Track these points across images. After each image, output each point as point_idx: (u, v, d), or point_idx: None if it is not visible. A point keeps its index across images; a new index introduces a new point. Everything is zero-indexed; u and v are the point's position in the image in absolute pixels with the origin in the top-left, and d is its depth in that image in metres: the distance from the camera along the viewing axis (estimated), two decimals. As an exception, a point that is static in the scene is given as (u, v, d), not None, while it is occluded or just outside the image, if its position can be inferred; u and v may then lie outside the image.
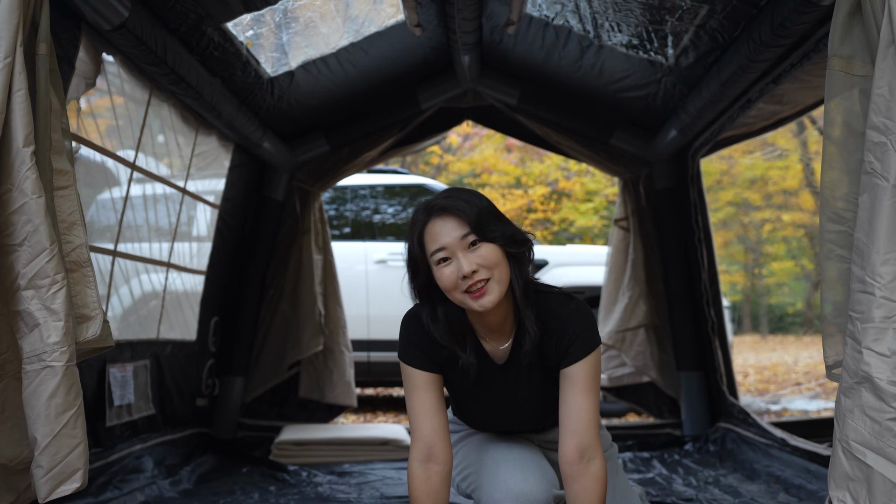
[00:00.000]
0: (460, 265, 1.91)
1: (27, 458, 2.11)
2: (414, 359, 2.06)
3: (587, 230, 13.61)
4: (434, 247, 1.95)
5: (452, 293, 1.94)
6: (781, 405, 6.76)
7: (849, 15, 2.06)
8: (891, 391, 1.79)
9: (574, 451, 1.96)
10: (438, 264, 1.94)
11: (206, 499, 3.26)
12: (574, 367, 1.99)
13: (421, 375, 2.06)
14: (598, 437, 1.98)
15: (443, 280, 1.94)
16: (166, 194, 3.89)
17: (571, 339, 2.00)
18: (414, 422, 2.05)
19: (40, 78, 2.14)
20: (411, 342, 2.07)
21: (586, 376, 1.99)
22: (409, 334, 2.08)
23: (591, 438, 1.96)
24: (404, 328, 2.10)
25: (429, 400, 2.04)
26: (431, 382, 2.06)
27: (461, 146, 14.80)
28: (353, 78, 4.27)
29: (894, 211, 1.84)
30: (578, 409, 1.97)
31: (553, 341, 2.03)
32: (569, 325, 2.01)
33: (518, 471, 2.05)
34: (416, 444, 2.03)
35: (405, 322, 2.11)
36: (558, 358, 2.02)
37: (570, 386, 1.99)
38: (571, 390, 1.99)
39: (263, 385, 4.87)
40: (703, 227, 4.69)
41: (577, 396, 1.98)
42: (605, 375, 5.08)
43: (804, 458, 3.45)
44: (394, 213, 6.62)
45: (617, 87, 4.30)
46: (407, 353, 2.07)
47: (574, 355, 2.00)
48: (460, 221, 1.94)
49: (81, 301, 2.19)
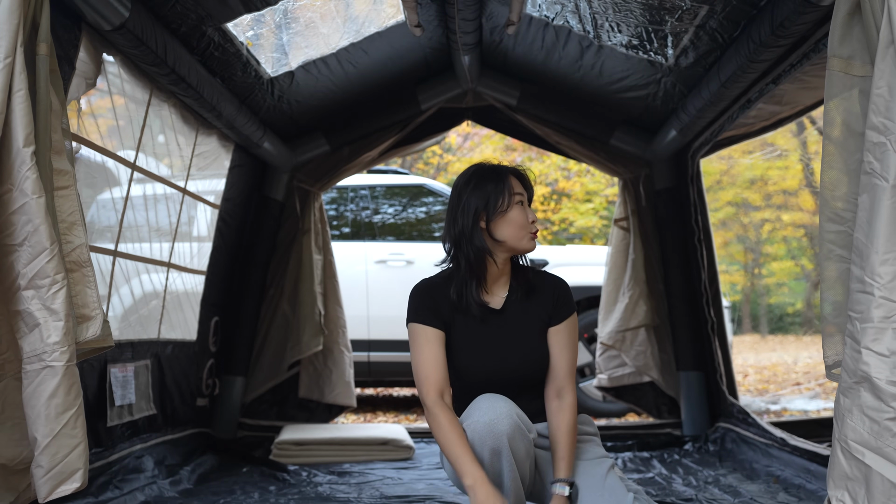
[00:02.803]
0: (531, 213, 2.48)
1: (27, 458, 2.11)
2: (424, 318, 2.43)
3: (587, 230, 13.61)
4: (519, 190, 2.48)
5: (518, 230, 2.45)
6: (781, 405, 6.76)
7: (848, 15, 2.06)
8: (890, 391, 1.79)
9: (552, 390, 2.47)
10: (517, 204, 2.46)
11: (206, 499, 3.26)
12: (559, 327, 2.51)
13: (431, 331, 2.42)
14: (571, 381, 2.48)
15: (517, 217, 2.45)
16: (167, 194, 3.89)
17: (564, 301, 2.52)
18: (425, 371, 2.39)
19: (40, 78, 2.14)
20: (420, 305, 2.45)
21: (566, 334, 2.51)
22: (417, 300, 2.46)
23: (565, 382, 2.47)
24: (414, 296, 2.48)
25: (438, 352, 2.41)
26: (438, 337, 2.43)
27: (461, 146, 14.80)
28: (353, 78, 4.27)
29: (893, 211, 1.84)
30: (558, 360, 2.49)
31: (542, 298, 2.51)
32: (556, 289, 2.53)
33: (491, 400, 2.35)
34: (431, 386, 2.37)
35: (414, 292, 2.49)
36: (547, 316, 2.50)
37: (555, 343, 2.50)
38: (556, 346, 2.50)
39: (263, 385, 4.87)
40: (702, 227, 4.69)
41: (559, 351, 2.49)
42: (605, 375, 5.08)
43: (804, 458, 3.45)
44: (394, 213, 6.62)
45: (617, 87, 4.30)
46: (417, 315, 2.44)
47: (559, 317, 2.51)
48: (524, 184, 2.53)
49: (81, 301, 2.19)
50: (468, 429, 2.30)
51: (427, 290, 2.48)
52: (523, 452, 2.30)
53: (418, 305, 2.45)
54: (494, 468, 2.27)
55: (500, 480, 2.28)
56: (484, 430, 2.25)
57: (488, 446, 2.25)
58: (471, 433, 2.28)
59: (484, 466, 2.26)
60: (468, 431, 2.29)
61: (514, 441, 2.26)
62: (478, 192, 2.46)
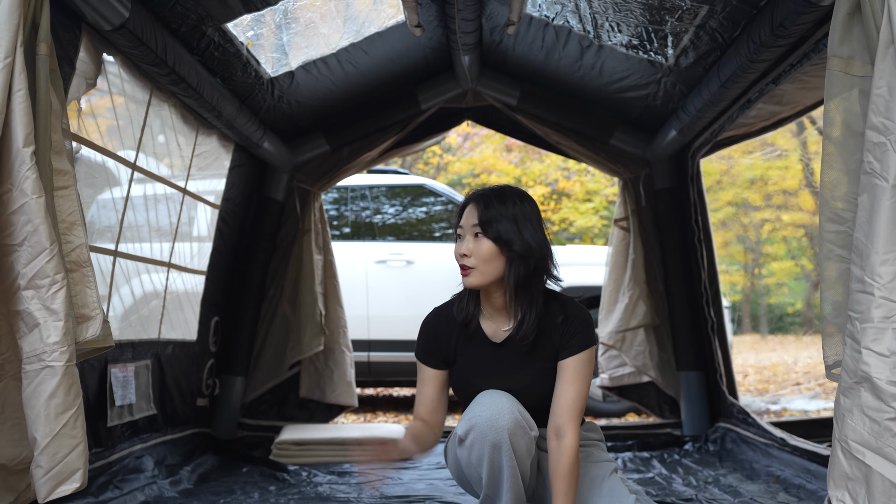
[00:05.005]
0: (461, 245, 2.33)
1: (27, 458, 2.11)
2: (423, 357, 2.49)
3: (587, 230, 13.61)
4: (458, 222, 2.38)
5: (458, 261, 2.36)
6: (781, 405, 6.76)
7: (848, 15, 2.06)
8: (890, 391, 1.79)
9: (552, 430, 2.31)
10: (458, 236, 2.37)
11: (206, 499, 3.26)
12: (569, 360, 2.33)
13: (427, 371, 2.49)
14: (573, 419, 2.29)
15: (455, 250, 2.37)
16: (167, 194, 3.89)
17: (573, 335, 2.33)
18: (416, 405, 2.52)
19: (40, 78, 2.14)
20: (423, 343, 2.50)
21: (576, 369, 2.32)
22: (422, 336, 2.50)
23: (566, 420, 2.29)
24: (421, 331, 2.51)
25: (432, 392, 2.49)
26: (434, 377, 2.49)
27: (461, 146, 14.80)
28: (353, 78, 4.27)
29: (893, 211, 1.84)
30: (561, 395, 2.32)
31: (557, 334, 2.35)
32: (572, 323, 2.35)
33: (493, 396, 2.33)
34: (413, 422, 2.52)
35: (423, 326, 2.51)
36: (557, 349, 2.35)
37: (561, 375, 2.34)
38: (562, 379, 2.33)
39: (263, 385, 4.87)
40: (702, 227, 4.69)
41: (564, 384, 2.32)
42: (605, 375, 5.08)
43: (804, 458, 3.45)
44: (394, 213, 6.62)
45: (617, 87, 4.30)
46: (419, 352, 2.51)
47: (571, 349, 2.33)
48: (475, 213, 2.32)
49: (81, 301, 2.19)
50: (469, 423, 2.27)
51: (432, 325, 2.49)
52: (524, 449, 2.28)
53: (422, 342, 2.49)
54: (494, 463, 2.25)
55: (500, 476, 2.26)
56: (485, 424, 2.23)
57: (489, 440, 2.23)
58: (472, 427, 2.27)
59: (483, 461, 2.25)
60: (469, 425, 2.27)
61: (514, 437, 2.24)
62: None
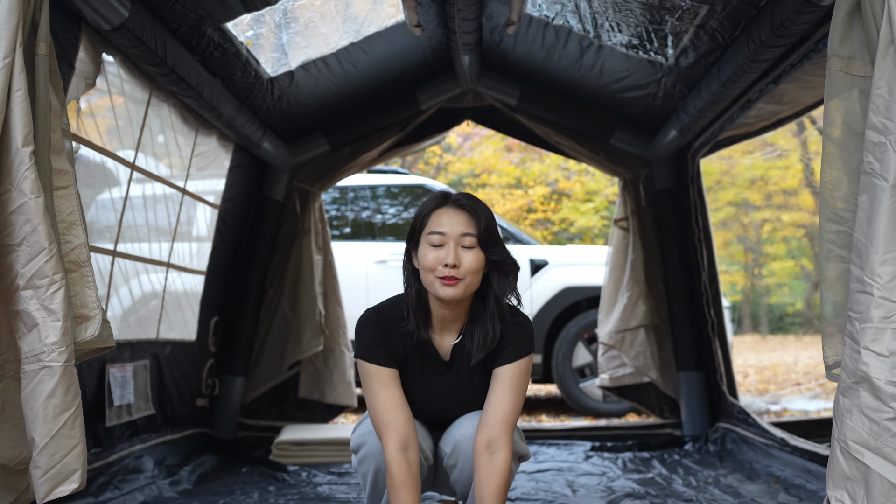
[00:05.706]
0: (449, 254, 2.11)
1: (27, 458, 2.11)
2: (376, 357, 2.20)
3: (587, 230, 13.61)
4: (436, 229, 2.14)
5: (427, 273, 2.14)
6: (781, 405, 6.76)
7: (848, 15, 2.06)
8: (889, 391, 1.79)
9: (482, 441, 2.14)
10: (429, 245, 2.14)
11: (206, 499, 3.26)
12: (505, 368, 2.20)
13: (386, 372, 2.20)
14: (508, 432, 2.15)
15: (427, 258, 2.13)
16: (166, 194, 3.89)
17: (510, 340, 2.21)
18: (385, 415, 2.17)
19: (40, 78, 2.14)
20: (371, 341, 2.21)
21: (512, 378, 2.19)
22: (370, 335, 2.21)
23: (500, 433, 2.14)
24: (363, 330, 2.22)
25: (397, 394, 2.19)
26: (393, 378, 2.21)
27: (461, 146, 14.80)
28: (353, 78, 4.27)
29: (893, 211, 1.84)
30: (496, 404, 2.17)
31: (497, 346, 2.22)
32: (510, 328, 2.22)
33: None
34: (392, 434, 2.14)
35: (363, 325, 2.23)
36: (493, 356, 2.22)
37: (496, 384, 2.20)
38: (496, 388, 2.19)
39: (263, 385, 4.87)
40: (702, 227, 4.69)
41: (500, 394, 2.18)
42: (605, 375, 5.07)
43: (804, 458, 3.45)
44: (394, 213, 6.62)
45: (617, 87, 4.30)
46: (371, 353, 2.20)
47: (508, 356, 2.20)
48: (470, 223, 2.15)
49: (80, 301, 2.19)
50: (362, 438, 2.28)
51: (377, 323, 2.22)
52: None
53: (369, 341, 2.20)
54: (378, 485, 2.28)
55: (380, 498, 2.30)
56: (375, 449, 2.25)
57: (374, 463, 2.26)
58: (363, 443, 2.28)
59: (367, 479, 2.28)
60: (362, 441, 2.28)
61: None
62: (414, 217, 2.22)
